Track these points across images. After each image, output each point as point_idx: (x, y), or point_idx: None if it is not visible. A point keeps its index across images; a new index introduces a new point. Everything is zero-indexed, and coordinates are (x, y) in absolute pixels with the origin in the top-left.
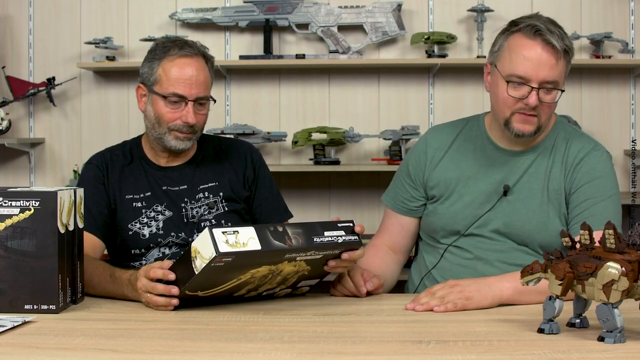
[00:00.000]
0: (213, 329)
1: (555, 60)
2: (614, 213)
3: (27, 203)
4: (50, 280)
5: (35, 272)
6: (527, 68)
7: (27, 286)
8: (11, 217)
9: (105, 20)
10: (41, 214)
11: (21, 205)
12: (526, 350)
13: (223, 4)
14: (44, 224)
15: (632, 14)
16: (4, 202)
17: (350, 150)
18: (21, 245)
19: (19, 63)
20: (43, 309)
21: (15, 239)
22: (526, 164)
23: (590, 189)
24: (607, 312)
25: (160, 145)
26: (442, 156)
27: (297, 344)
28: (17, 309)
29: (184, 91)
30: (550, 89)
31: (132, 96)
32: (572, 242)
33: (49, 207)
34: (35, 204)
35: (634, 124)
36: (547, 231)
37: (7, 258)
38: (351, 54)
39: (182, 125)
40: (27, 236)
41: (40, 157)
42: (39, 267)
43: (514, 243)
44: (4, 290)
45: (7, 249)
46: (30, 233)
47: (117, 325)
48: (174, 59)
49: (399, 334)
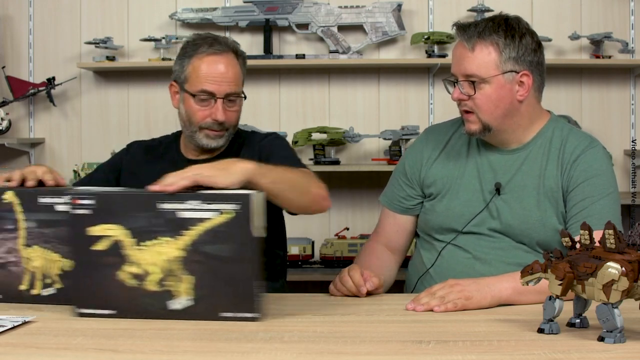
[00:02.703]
0: (213, 329)
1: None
2: (613, 211)
3: (224, 206)
4: (248, 287)
5: (234, 279)
6: (453, 66)
7: (225, 293)
8: (206, 220)
9: (105, 20)
10: (238, 218)
11: (218, 209)
12: (526, 350)
13: (223, 4)
14: (240, 228)
15: (632, 14)
16: (197, 205)
17: (350, 150)
18: (219, 251)
19: (19, 63)
20: (241, 316)
21: (213, 244)
22: (518, 161)
23: (588, 187)
24: (607, 312)
25: (193, 144)
26: (438, 154)
27: (297, 344)
28: (215, 316)
29: (212, 88)
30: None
31: (132, 96)
32: (572, 242)
33: (246, 210)
34: (232, 207)
35: (634, 124)
36: (544, 229)
37: (205, 264)
38: (351, 54)
39: (212, 123)
40: (224, 241)
41: (40, 157)
42: (237, 272)
43: (512, 241)
44: (201, 297)
45: (204, 254)
46: (228, 237)
47: (117, 325)
48: (203, 57)
49: (399, 334)
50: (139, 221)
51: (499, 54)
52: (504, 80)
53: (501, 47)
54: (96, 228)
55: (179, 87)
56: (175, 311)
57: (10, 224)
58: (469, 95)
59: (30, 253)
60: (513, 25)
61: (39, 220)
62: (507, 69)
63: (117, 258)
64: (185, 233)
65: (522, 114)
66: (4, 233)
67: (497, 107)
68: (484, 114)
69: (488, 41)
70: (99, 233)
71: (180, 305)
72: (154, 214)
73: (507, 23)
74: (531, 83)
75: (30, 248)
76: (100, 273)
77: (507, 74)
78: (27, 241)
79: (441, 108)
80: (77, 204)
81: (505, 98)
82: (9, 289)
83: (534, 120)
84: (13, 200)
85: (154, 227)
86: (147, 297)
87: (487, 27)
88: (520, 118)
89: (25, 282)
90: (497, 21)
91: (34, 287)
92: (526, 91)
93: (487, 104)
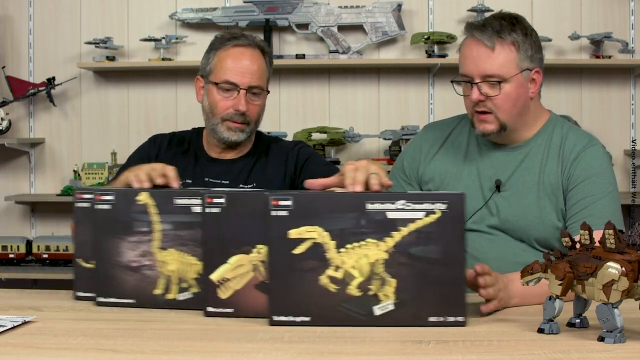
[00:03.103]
0: (213, 329)
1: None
2: (614, 210)
3: (433, 206)
4: (457, 290)
5: (441, 282)
6: (469, 67)
7: (432, 297)
8: (415, 221)
9: (105, 20)
10: (448, 218)
11: (426, 209)
12: (526, 350)
13: (223, 4)
14: (450, 229)
15: (632, 14)
16: (406, 205)
17: (350, 150)
18: (426, 252)
19: (19, 63)
20: (449, 320)
21: (419, 245)
22: (518, 159)
23: (588, 186)
24: (607, 312)
25: (215, 138)
26: (436, 151)
27: (297, 344)
28: (421, 320)
29: (236, 79)
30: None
31: (132, 96)
32: (572, 242)
33: (456, 210)
34: (441, 207)
35: (634, 124)
36: (543, 226)
37: (411, 266)
38: (351, 54)
39: (234, 113)
40: (432, 242)
41: (40, 157)
42: (446, 275)
43: (510, 238)
44: (406, 301)
45: (410, 256)
46: (436, 239)
47: (117, 325)
48: (229, 49)
49: (399, 334)
50: (342, 222)
51: (518, 53)
52: (523, 78)
53: (520, 45)
54: (296, 231)
55: (203, 81)
56: (379, 317)
57: (144, 226)
58: (489, 95)
59: (165, 256)
60: (524, 24)
61: (175, 222)
62: (525, 67)
63: (317, 262)
64: (393, 234)
65: (531, 111)
66: (137, 236)
67: (514, 106)
68: (503, 114)
69: (509, 40)
70: (298, 236)
71: (383, 310)
72: (361, 215)
73: (519, 21)
74: (541, 79)
75: (166, 251)
76: (298, 278)
77: (525, 72)
78: (162, 244)
79: (441, 108)
80: (276, 205)
81: (522, 96)
82: (142, 293)
83: (537, 117)
84: (148, 201)
85: (360, 229)
86: (349, 303)
87: (503, 26)
88: (528, 116)
89: (160, 286)
90: (509, 20)
91: (169, 292)
92: (537, 88)
93: (507, 103)
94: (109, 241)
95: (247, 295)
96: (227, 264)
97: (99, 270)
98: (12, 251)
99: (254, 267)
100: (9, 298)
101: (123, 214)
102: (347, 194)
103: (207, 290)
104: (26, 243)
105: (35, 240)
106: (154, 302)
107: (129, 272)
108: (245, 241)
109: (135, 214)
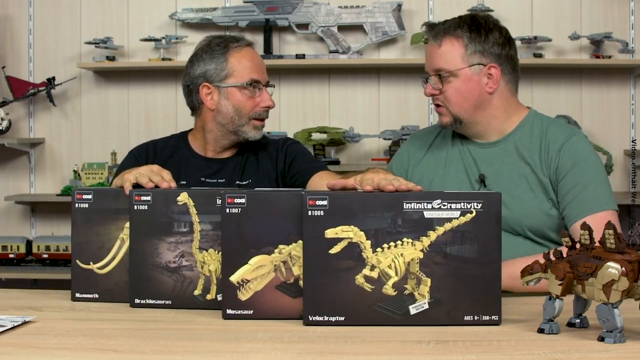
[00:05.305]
0: (213, 329)
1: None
2: (606, 193)
3: (469, 205)
4: (492, 289)
5: (476, 281)
6: (426, 64)
7: (467, 296)
8: (451, 220)
9: (105, 20)
10: (483, 217)
11: (462, 208)
12: (526, 350)
13: (223, 4)
14: (486, 228)
15: (632, 14)
16: (442, 204)
17: (350, 150)
18: (461, 251)
19: (19, 63)
20: (484, 320)
21: (455, 245)
22: (501, 153)
23: (577, 172)
24: (607, 312)
25: (230, 139)
26: (423, 155)
27: (297, 344)
28: (456, 319)
29: (259, 77)
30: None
31: (132, 96)
32: (572, 242)
33: (492, 210)
34: (477, 207)
35: (634, 124)
36: (534, 214)
37: (446, 265)
38: (351, 54)
39: (262, 111)
40: (468, 241)
41: (40, 157)
42: (481, 275)
43: (505, 233)
44: (441, 300)
45: (445, 256)
46: (472, 238)
47: (117, 325)
48: (241, 50)
49: (399, 334)
50: (378, 222)
51: (464, 48)
52: (471, 72)
53: (466, 41)
54: (332, 230)
55: (213, 87)
56: (414, 316)
57: (184, 227)
58: (438, 88)
59: (205, 257)
60: (479, 21)
61: (214, 222)
62: (474, 62)
63: (353, 261)
64: (430, 234)
65: (495, 106)
66: (176, 236)
67: (466, 100)
68: (453, 107)
69: (453, 36)
70: (334, 236)
71: (418, 309)
72: (398, 214)
73: (474, 19)
74: (499, 75)
75: (206, 251)
76: (333, 277)
77: (474, 66)
78: (201, 244)
79: None
80: (313, 205)
81: (473, 90)
82: (181, 294)
83: (511, 113)
84: (188, 201)
85: (397, 228)
86: (385, 302)
87: (452, 24)
88: (493, 110)
89: (200, 286)
90: (463, 18)
91: (209, 292)
92: (495, 83)
93: (456, 96)
94: (145, 242)
95: (266, 297)
96: (248, 265)
97: (134, 271)
98: (12, 251)
99: (275, 268)
100: (9, 298)
101: (162, 214)
102: (382, 194)
103: (227, 292)
104: (26, 243)
105: (35, 240)
106: (193, 302)
107: (167, 273)
108: (267, 241)
109: (175, 214)
